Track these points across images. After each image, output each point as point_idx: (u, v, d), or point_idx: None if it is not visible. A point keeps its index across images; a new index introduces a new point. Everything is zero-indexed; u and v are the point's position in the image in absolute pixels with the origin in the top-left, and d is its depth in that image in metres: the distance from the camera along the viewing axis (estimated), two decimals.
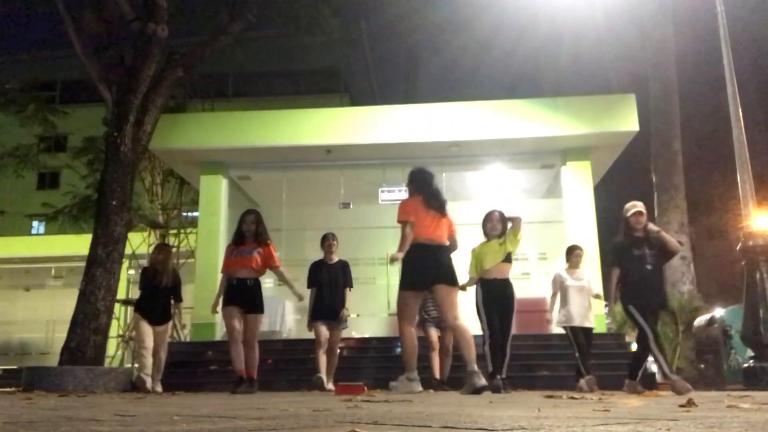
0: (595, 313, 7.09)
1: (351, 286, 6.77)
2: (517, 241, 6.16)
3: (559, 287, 6.95)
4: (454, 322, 5.06)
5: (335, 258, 6.86)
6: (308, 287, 6.85)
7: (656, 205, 12.54)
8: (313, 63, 22.46)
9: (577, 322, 6.77)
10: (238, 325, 6.05)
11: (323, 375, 6.58)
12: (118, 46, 9.76)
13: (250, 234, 6.20)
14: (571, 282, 6.91)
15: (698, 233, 17.73)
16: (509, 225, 6.15)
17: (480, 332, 6.03)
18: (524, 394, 5.43)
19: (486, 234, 6.32)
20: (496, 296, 6.09)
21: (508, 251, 6.14)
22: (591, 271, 7.11)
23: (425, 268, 5.07)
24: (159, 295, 7.05)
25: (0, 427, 1.67)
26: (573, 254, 7.05)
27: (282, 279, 6.37)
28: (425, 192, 5.42)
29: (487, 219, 6.33)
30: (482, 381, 4.80)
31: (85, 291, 8.31)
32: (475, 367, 4.83)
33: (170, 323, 7.26)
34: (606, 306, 10.83)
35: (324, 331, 6.67)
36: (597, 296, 7.23)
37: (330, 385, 6.56)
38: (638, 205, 5.78)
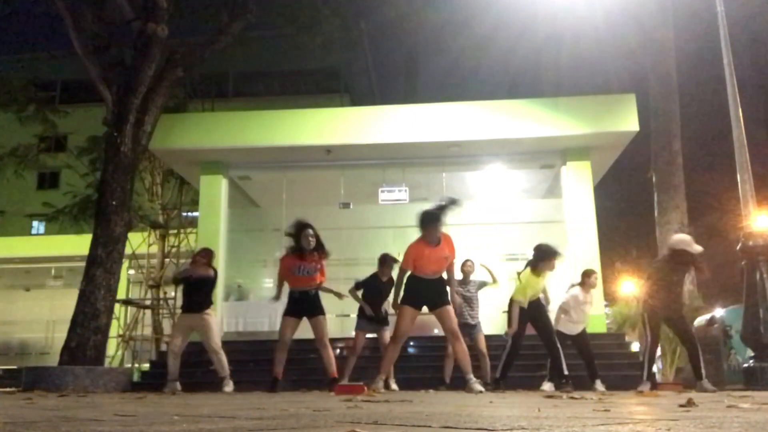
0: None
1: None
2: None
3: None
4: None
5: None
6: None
7: (656, 205, 12.53)
8: (313, 63, 22.44)
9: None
10: (290, 334, 6.67)
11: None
12: (118, 46, 9.76)
13: (310, 248, 6.50)
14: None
15: (698, 233, 17.71)
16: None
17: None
18: (524, 394, 5.44)
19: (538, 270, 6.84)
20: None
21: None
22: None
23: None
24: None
25: (0, 427, 1.67)
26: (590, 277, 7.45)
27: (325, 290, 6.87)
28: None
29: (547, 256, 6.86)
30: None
31: (85, 291, 8.30)
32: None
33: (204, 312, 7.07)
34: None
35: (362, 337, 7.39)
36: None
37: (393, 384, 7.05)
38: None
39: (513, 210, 11.58)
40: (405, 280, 5.75)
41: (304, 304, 6.62)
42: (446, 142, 10.64)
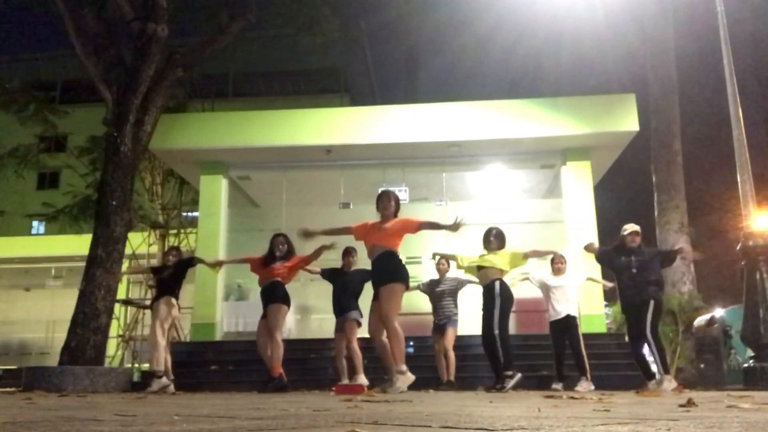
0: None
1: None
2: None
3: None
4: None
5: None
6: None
7: (656, 205, 12.53)
8: (313, 63, 22.44)
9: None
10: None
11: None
12: (118, 46, 9.76)
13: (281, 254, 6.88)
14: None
15: (698, 233, 17.72)
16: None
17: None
18: (524, 394, 5.44)
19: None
20: None
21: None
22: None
23: None
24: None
25: (0, 427, 1.67)
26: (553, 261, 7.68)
27: None
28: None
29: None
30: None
31: (85, 291, 8.31)
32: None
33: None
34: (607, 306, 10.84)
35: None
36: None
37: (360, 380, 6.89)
38: None
39: (513, 210, 11.57)
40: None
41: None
42: (446, 142, 10.64)
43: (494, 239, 6.75)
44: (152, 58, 9.16)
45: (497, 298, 6.43)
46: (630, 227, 6.62)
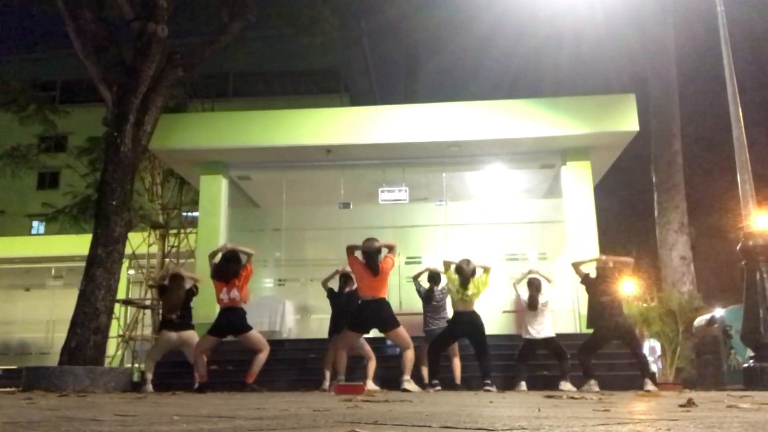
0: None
1: None
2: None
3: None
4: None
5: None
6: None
7: (656, 205, 12.53)
8: (313, 63, 22.45)
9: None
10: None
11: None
12: (118, 46, 9.75)
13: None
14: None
15: (698, 233, 17.72)
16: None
17: None
18: (524, 394, 5.44)
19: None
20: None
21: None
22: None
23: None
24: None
25: (0, 427, 1.67)
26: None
27: None
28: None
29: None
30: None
31: (85, 291, 8.30)
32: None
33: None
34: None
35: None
36: None
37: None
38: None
39: (513, 210, 11.58)
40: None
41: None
42: (446, 142, 10.63)
43: (471, 273, 7.10)
44: (152, 58, 9.15)
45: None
46: (604, 261, 7.28)
